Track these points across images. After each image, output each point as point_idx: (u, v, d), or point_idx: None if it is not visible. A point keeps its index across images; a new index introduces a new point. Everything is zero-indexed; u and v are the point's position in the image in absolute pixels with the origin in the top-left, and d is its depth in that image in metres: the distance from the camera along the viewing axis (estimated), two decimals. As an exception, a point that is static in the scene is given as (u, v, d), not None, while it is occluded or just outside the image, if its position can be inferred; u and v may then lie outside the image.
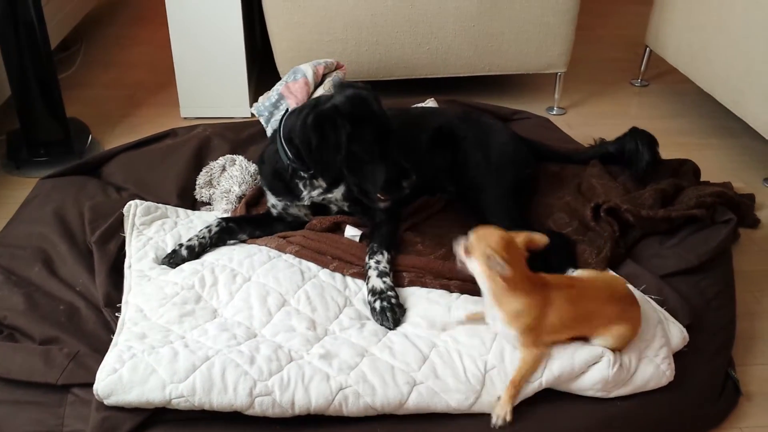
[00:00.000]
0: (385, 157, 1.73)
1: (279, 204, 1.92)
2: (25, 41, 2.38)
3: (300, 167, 1.81)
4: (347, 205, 1.90)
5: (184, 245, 1.80)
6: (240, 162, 2.18)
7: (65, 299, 1.69)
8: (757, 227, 2.25)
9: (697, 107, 3.01)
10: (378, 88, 1.74)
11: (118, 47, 3.59)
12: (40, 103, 2.49)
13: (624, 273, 1.77)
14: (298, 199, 1.88)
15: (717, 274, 1.83)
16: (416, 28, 2.77)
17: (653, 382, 1.53)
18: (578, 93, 3.13)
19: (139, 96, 3.08)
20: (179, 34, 2.72)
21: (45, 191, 2.10)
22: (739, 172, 2.55)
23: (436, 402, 1.45)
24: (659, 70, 3.26)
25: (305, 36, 2.74)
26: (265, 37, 2.91)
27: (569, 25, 2.83)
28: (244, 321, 1.58)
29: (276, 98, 2.47)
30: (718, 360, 1.68)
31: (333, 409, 1.42)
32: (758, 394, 1.69)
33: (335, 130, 1.68)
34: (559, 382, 1.50)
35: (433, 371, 1.49)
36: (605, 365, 1.49)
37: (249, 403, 1.40)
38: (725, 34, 2.60)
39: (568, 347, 1.52)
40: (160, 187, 2.11)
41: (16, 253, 1.84)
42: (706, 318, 1.72)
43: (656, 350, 1.54)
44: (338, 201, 1.89)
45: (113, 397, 1.38)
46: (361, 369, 1.48)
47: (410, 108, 2.35)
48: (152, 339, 1.49)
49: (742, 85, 2.53)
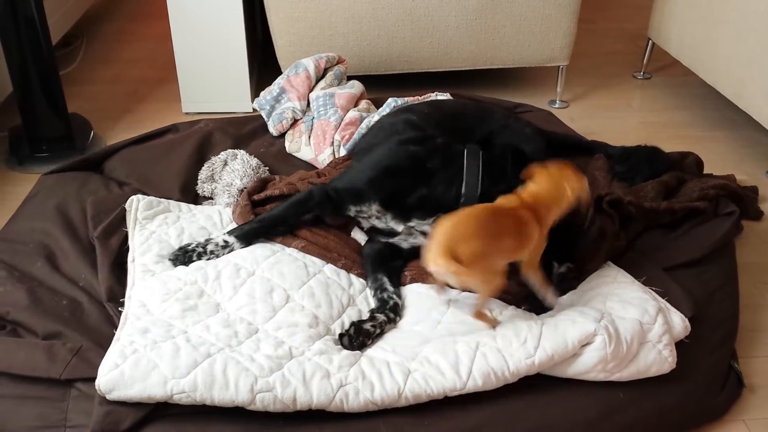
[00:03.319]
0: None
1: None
2: (27, 37, 2.37)
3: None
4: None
5: (196, 252, 1.76)
6: (242, 156, 2.18)
7: (68, 294, 1.69)
8: (760, 219, 2.24)
9: (700, 99, 3.00)
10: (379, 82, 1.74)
11: (119, 43, 3.59)
12: (42, 99, 2.49)
13: (626, 265, 1.76)
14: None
15: (720, 267, 1.82)
16: (418, 22, 2.76)
17: (655, 368, 1.53)
18: (580, 86, 3.13)
19: (141, 91, 3.08)
20: (180, 29, 2.72)
21: (47, 187, 2.11)
22: (742, 164, 2.54)
23: (432, 386, 1.45)
24: (662, 63, 3.25)
25: (306, 30, 2.73)
26: (266, 32, 2.91)
27: (571, 18, 2.82)
28: (246, 316, 1.58)
29: (277, 92, 2.47)
30: (721, 352, 1.68)
31: (334, 406, 1.43)
32: (761, 386, 1.69)
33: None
34: (555, 364, 1.50)
35: (426, 359, 1.50)
36: (601, 345, 1.48)
37: (250, 399, 1.40)
38: (728, 26, 2.59)
39: (558, 325, 1.52)
40: (163, 182, 2.11)
41: (19, 248, 1.84)
42: (709, 310, 1.71)
43: (659, 336, 1.54)
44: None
45: (115, 392, 1.38)
46: (359, 366, 1.48)
47: (445, 103, 2.29)
48: (155, 334, 1.50)
49: (745, 77, 2.52)
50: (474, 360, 1.48)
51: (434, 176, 1.73)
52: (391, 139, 1.85)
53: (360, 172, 1.81)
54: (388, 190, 1.75)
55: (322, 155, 2.24)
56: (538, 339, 1.50)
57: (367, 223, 1.83)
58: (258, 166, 2.17)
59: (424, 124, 1.93)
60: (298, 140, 2.33)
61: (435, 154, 1.75)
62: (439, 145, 1.78)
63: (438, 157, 1.75)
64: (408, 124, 1.94)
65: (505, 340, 1.51)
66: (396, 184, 1.74)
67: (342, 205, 1.80)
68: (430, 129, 1.90)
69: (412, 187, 1.73)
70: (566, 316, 1.57)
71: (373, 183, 1.76)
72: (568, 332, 1.50)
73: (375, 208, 1.76)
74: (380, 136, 1.90)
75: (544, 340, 1.50)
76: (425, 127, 1.92)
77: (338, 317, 1.63)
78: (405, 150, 1.78)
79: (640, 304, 1.59)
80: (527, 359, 1.48)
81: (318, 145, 2.27)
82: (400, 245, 1.82)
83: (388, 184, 1.75)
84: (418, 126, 1.92)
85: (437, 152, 1.76)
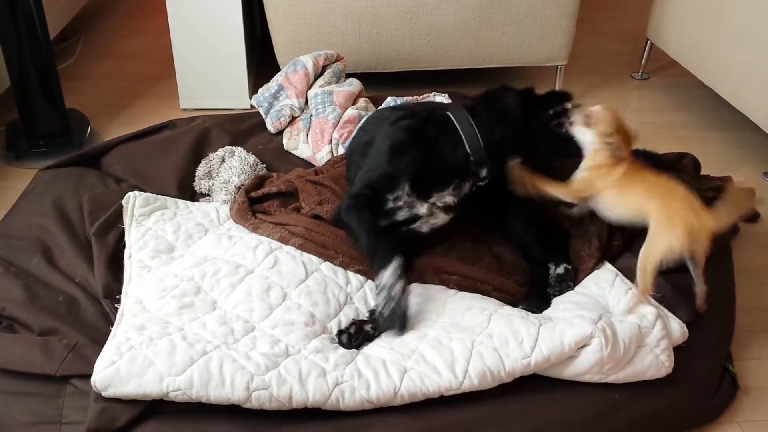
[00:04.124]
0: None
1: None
2: (24, 32, 2.37)
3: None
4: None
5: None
6: (239, 153, 2.18)
7: (64, 290, 1.69)
8: (756, 221, 2.24)
9: (698, 100, 3.01)
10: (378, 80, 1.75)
11: (117, 38, 3.58)
12: (39, 93, 2.49)
13: (622, 266, 1.77)
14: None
15: (716, 269, 1.82)
16: (416, 20, 2.76)
17: (651, 372, 1.54)
18: (579, 86, 3.12)
19: (139, 87, 3.07)
20: (179, 25, 2.71)
21: (44, 182, 2.10)
22: (739, 165, 2.55)
23: (428, 385, 1.45)
24: (660, 63, 3.25)
25: (305, 27, 2.73)
26: (264, 29, 2.91)
27: (570, 17, 2.82)
28: (243, 314, 1.58)
29: (276, 89, 2.46)
30: (717, 354, 1.68)
31: (330, 404, 1.43)
32: (756, 388, 1.69)
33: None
34: (552, 365, 1.50)
35: (423, 357, 1.50)
36: (597, 347, 1.49)
37: (246, 397, 1.40)
38: (726, 27, 2.59)
39: (556, 326, 1.52)
40: (160, 179, 2.11)
41: (15, 244, 1.83)
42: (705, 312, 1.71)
43: (656, 341, 1.54)
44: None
45: (111, 389, 1.38)
46: (356, 364, 1.48)
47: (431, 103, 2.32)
48: (151, 331, 1.49)
49: (742, 79, 2.53)
50: (470, 359, 1.49)
51: (436, 143, 1.74)
52: (383, 125, 1.85)
53: (376, 163, 1.77)
54: (408, 166, 1.72)
55: (320, 153, 2.24)
56: (535, 340, 1.51)
57: (389, 219, 1.76)
58: (255, 163, 2.16)
59: (403, 106, 1.98)
60: (296, 138, 2.33)
61: (428, 123, 1.77)
62: (427, 116, 1.80)
63: (431, 125, 1.77)
64: (392, 109, 2.00)
65: (502, 340, 1.52)
66: (411, 159, 1.73)
67: (379, 199, 1.73)
68: (410, 107, 1.95)
69: (423, 159, 1.73)
70: (564, 317, 1.57)
71: (395, 163, 1.73)
72: (565, 334, 1.51)
73: (407, 191, 1.73)
74: (371, 130, 1.90)
75: (541, 340, 1.50)
76: (403, 106, 1.96)
77: (335, 316, 1.63)
78: (400, 127, 1.78)
79: (638, 310, 1.59)
80: (523, 359, 1.49)
81: (316, 142, 2.26)
82: (420, 230, 1.79)
83: (405, 160, 1.73)
84: (402, 107, 1.99)
85: (429, 121, 1.78)
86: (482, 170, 1.75)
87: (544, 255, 1.79)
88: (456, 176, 1.74)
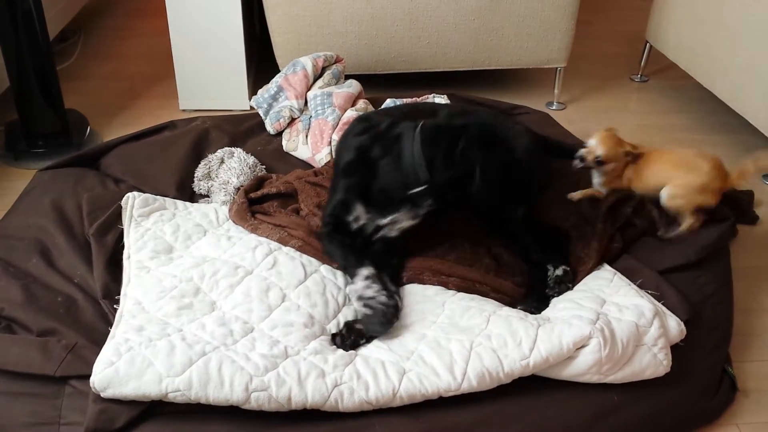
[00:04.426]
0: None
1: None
2: (24, 32, 2.37)
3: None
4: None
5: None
6: (238, 154, 2.18)
7: (63, 291, 1.69)
8: (755, 224, 2.25)
9: (697, 103, 3.01)
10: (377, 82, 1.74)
11: (116, 38, 3.58)
12: (39, 94, 2.49)
13: (622, 267, 1.77)
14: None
15: (715, 271, 1.83)
16: (416, 22, 2.76)
17: (650, 371, 1.54)
18: (578, 88, 3.13)
19: (138, 88, 3.07)
20: (178, 25, 2.71)
21: (43, 183, 2.10)
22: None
23: (426, 386, 1.45)
24: (659, 66, 3.26)
25: (304, 29, 2.73)
26: (264, 30, 2.91)
27: (569, 19, 2.82)
28: (242, 315, 1.58)
29: (275, 90, 2.46)
30: (715, 356, 1.68)
31: (329, 405, 1.42)
32: (755, 390, 1.70)
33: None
34: (550, 366, 1.50)
35: (421, 359, 1.50)
36: (596, 348, 1.49)
37: (245, 398, 1.40)
38: (725, 30, 2.59)
39: (554, 327, 1.52)
40: (159, 179, 2.11)
41: (14, 244, 1.83)
42: (703, 314, 1.71)
43: (654, 339, 1.54)
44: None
45: (110, 390, 1.38)
46: (354, 366, 1.48)
47: (423, 104, 2.29)
48: (150, 332, 1.49)
49: (741, 81, 2.53)
50: (469, 360, 1.49)
51: (377, 165, 1.69)
52: (347, 138, 1.86)
53: (333, 185, 1.84)
54: (355, 187, 1.72)
55: (319, 154, 2.24)
56: (533, 341, 1.51)
57: (361, 236, 1.78)
58: (255, 164, 2.16)
59: (374, 115, 1.90)
60: (296, 139, 2.33)
61: (376, 142, 1.73)
62: (381, 131, 1.74)
63: (378, 144, 1.71)
64: (357, 120, 1.96)
65: (500, 341, 1.52)
66: (357, 181, 1.72)
67: (342, 224, 1.77)
68: (379, 118, 1.85)
69: (366, 182, 1.71)
70: (562, 318, 1.57)
71: (345, 186, 1.76)
72: (563, 334, 1.51)
73: (363, 211, 1.75)
74: (341, 142, 1.92)
75: (540, 341, 1.50)
76: (373, 116, 1.89)
77: (334, 317, 1.63)
78: (348, 146, 1.79)
79: (636, 308, 1.59)
80: (522, 360, 1.49)
81: (315, 144, 2.26)
82: (389, 235, 1.77)
83: (353, 182, 1.73)
84: (366, 118, 1.91)
85: (378, 139, 1.73)
86: (425, 201, 1.66)
87: (543, 256, 1.79)
88: (402, 204, 1.67)
